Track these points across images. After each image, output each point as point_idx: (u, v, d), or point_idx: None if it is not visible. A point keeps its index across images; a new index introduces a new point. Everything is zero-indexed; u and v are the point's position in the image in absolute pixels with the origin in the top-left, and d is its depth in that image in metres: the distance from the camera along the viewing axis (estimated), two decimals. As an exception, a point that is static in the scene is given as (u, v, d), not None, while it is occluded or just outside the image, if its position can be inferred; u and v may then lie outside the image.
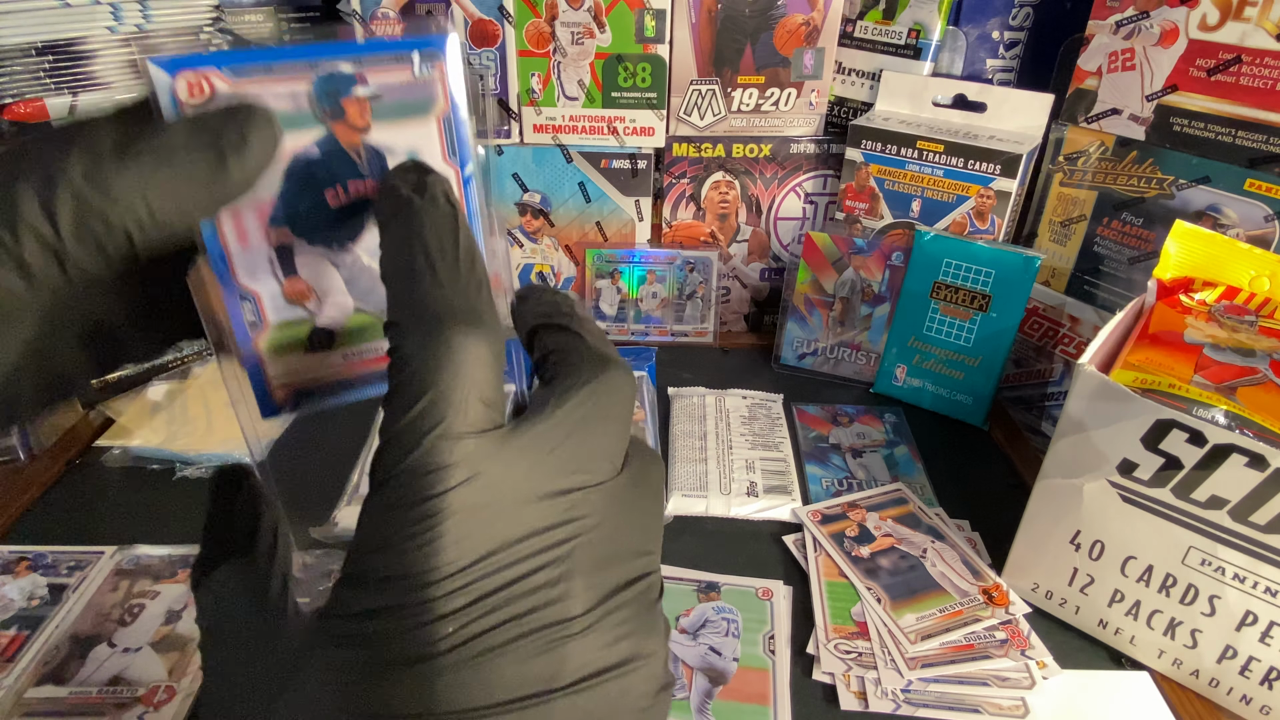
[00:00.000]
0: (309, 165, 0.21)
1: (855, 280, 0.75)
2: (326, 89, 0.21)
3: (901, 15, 0.73)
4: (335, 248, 0.22)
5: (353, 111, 0.21)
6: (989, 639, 0.50)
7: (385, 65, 0.22)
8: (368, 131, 0.22)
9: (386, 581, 0.18)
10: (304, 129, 0.21)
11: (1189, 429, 0.43)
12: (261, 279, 0.22)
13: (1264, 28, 0.56)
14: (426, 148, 0.22)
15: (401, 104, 0.22)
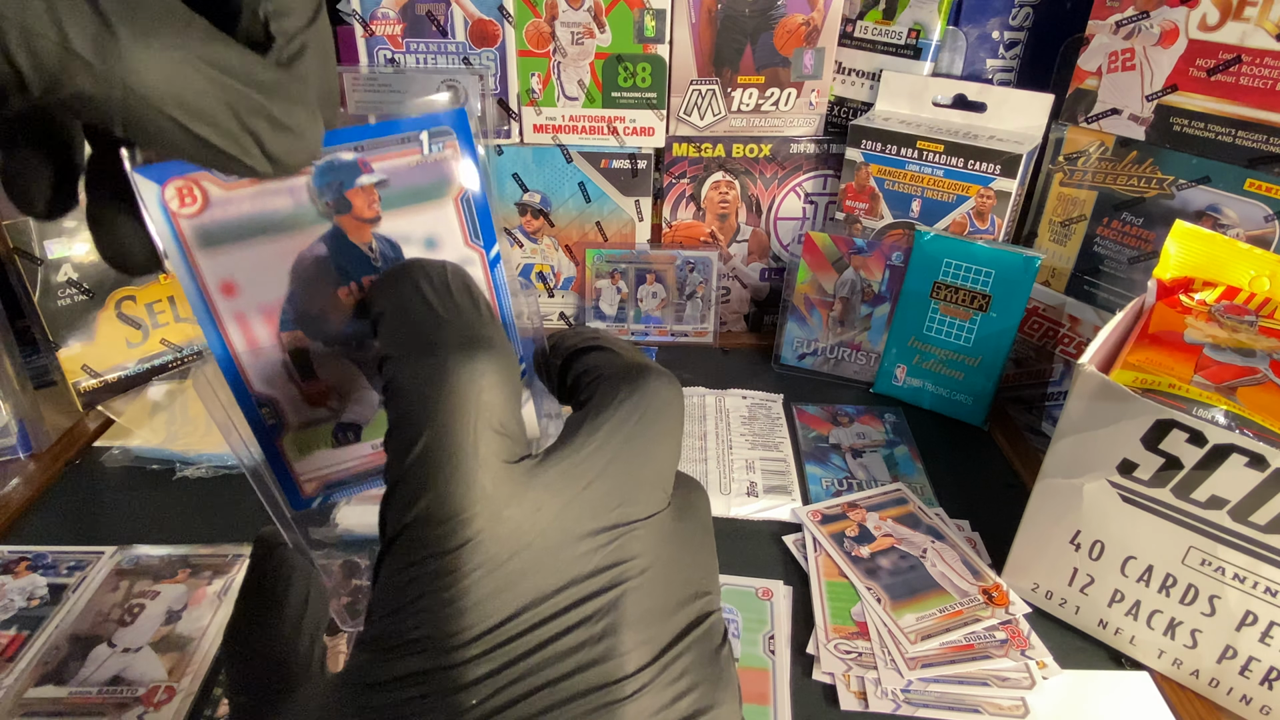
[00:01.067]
0: (317, 264, 0.20)
1: (855, 280, 0.75)
2: (328, 181, 0.19)
3: (901, 15, 0.73)
4: (354, 346, 0.21)
5: (359, 203, 0.20)
6: (989, 639, 0.50)
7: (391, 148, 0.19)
8: (378, 222, 0.20)
9: (407, 646, 0.16)
10: (307, 226, 0.19)
11: (1189, 429, 0.43)
12: (279, 385, 0.21)
13: (1264, 28, 0.56)
14: (445, 233, 0.21)
15: (413, 189, 0.20)
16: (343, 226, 0.20)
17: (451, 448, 0.16)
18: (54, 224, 0.65)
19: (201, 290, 0.19)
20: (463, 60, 0.75)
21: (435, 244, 0.20)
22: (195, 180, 0.18)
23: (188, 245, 0.18)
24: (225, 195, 0.18)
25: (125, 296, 0.70)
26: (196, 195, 0.18)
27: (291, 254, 0.19)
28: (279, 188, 0.19)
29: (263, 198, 0.19)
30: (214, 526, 0.58)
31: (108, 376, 0.71)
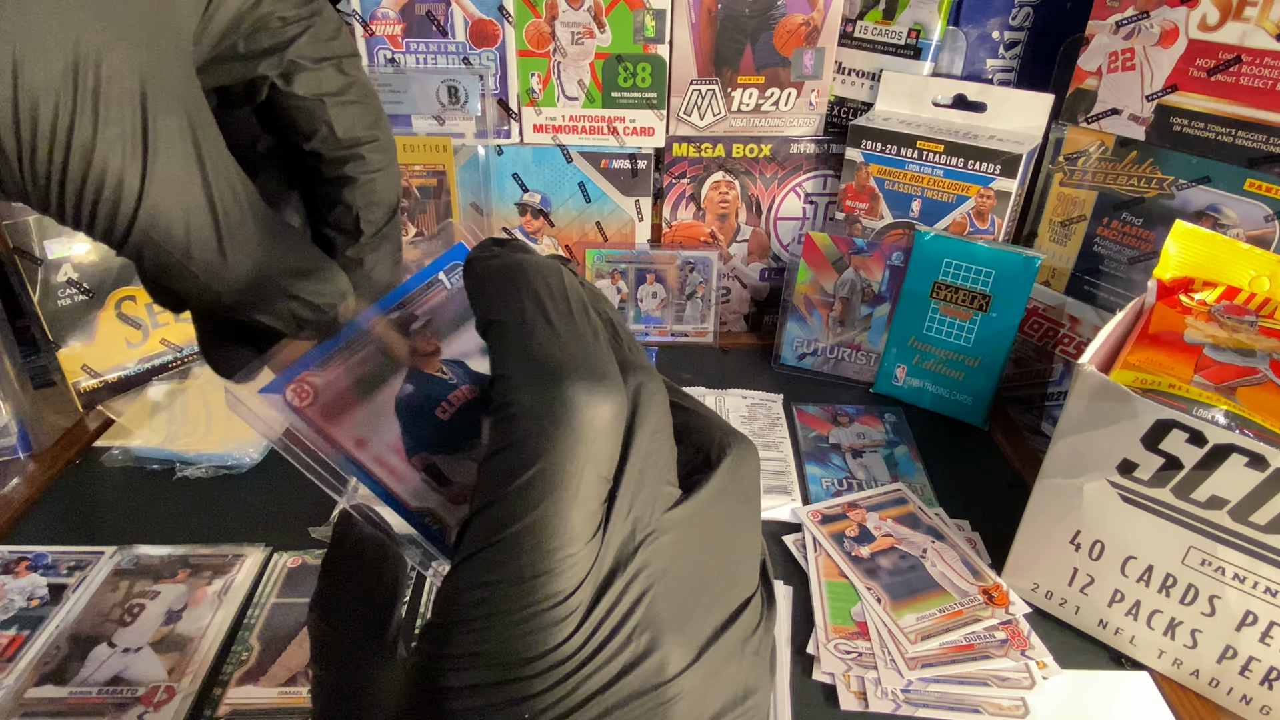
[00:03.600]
0: (411, 399, 0.24)
1: (855, 280, 0.75)
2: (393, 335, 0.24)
3: (901, 15, 0.73)
4: (467, 448, 0.25)
5: (420, 343, 0.24)
6: (989, 639, 0.50)
7: (424, 295, 0.24)
8: (439, 352, 0.24)
9: (474, 659, 0.17)
10: (392, 377, 0.24)
11: (1189, 429, 0.43)
12: (427, 498, 0.24)
13: (1264, 28, 0.56)
14: None
15: (453, 316, 0.24)
16: (415, 365, 0.24)
17: (559, 485, 0.17)
18: (54, 224, 0.65)
19: (345, 452, 0.24)
20: (463, 60, 0.75)
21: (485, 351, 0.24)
22: (302, 380, 0.23)
23: (320, 425, 0.23)
24: (326, 380, 0.24)
25: (125, 297, 0.70)
26: (308, 390, 0.23)
27: (391, 400, 0.24)
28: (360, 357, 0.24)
29: (352, 371, 0.24)
30: (214, 526, 0.58)
31: (108, 376, 0.71)
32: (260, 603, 0.52)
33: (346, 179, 0.22)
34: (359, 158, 0.22)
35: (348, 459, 0.24)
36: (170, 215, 0.17)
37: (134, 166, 0.16)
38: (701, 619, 0.19)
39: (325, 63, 0.21)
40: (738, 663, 0.19)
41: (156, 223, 0.17)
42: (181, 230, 0.17)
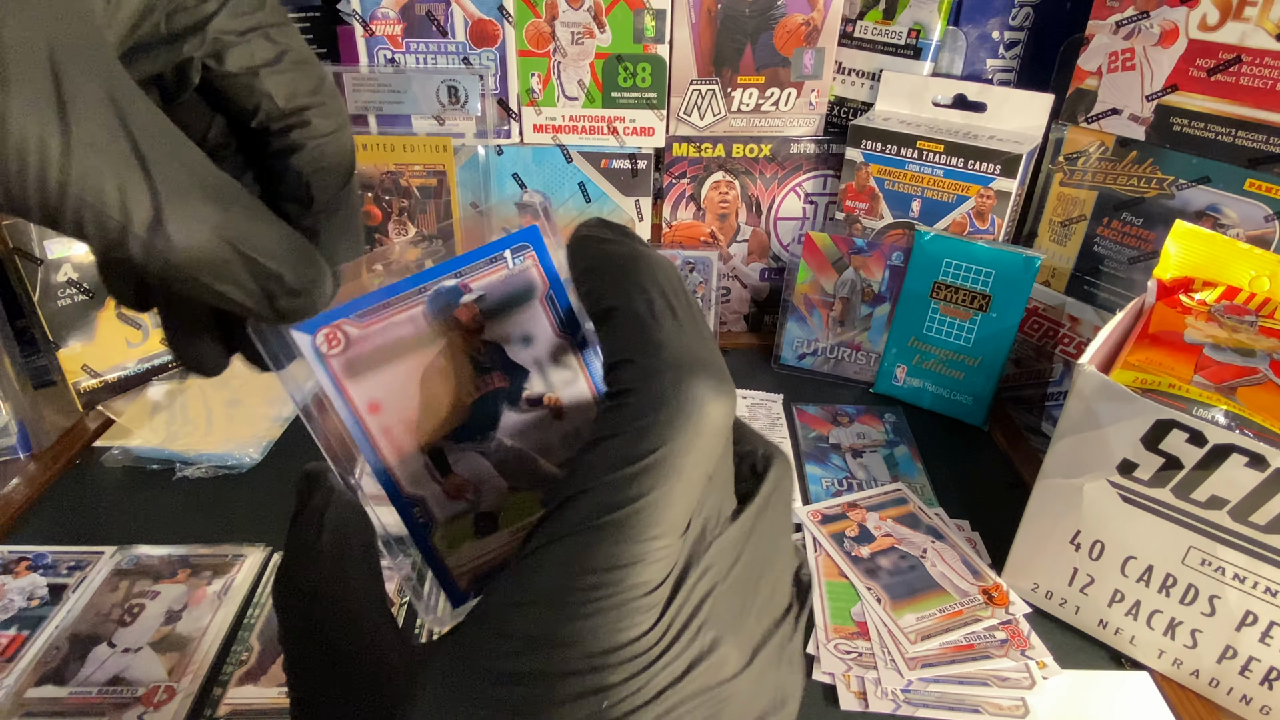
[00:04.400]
0: (440, 375, 0.23)
1: (855, 280, 0.75)
2: (438, 306, 0.23)
3: (901, 15, 0.73)
4: (479, 440, 0.24)
5: (464, 318, 0.24)
6: (989, 639, 0.50)
7: (483, 269, 0.24)
8: (482, 331, 0.24)
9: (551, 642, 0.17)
10: (428, 345, 0.23)
11: (1189, 429, 0.43)
12: (423, 485, 0.24)
13: (1264, 28, 0.56)
14: (538, 328, 0.24)
15: (506, 297, 0.24)
16: (454, 340, 0.24)
17: (674, 474, 0.17)
18: (54, 224, 0.65)
19: (354, 413, 0.23)
20: (463, 60, 0.75)
21: (531, 339, 0.24)
22: (337, 326, 0.22)
23: (339, 378, 0.23)
24: (361, 333, 0.23)
25: None
26: (340, 338, 0.22)
27: (419, 370, 0.23)
28: (402, 319, 0.23)
29: (390, 330, 0.23)
30: (214, 526, 0.58)
31: (108, 376, 0.71)
32: (260, 603, 0.52)
33: (293, 147, 0.21)
34: (304, 123, 0.21)
35: (356, 422, 0.23)
36: (102, 180, 0.16)
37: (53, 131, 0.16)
38: (753, 623, 0.19)
39: (252, 34, 0.20)
40: (777, 668, 0.19)
41: (88, 190, 0.16)
42: (116, 196, 0.16)
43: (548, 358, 0.24)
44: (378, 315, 0.23)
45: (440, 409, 0.24)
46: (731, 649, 0.18)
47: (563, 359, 0.24)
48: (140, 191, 0.16)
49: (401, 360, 0.23)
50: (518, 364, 0.24)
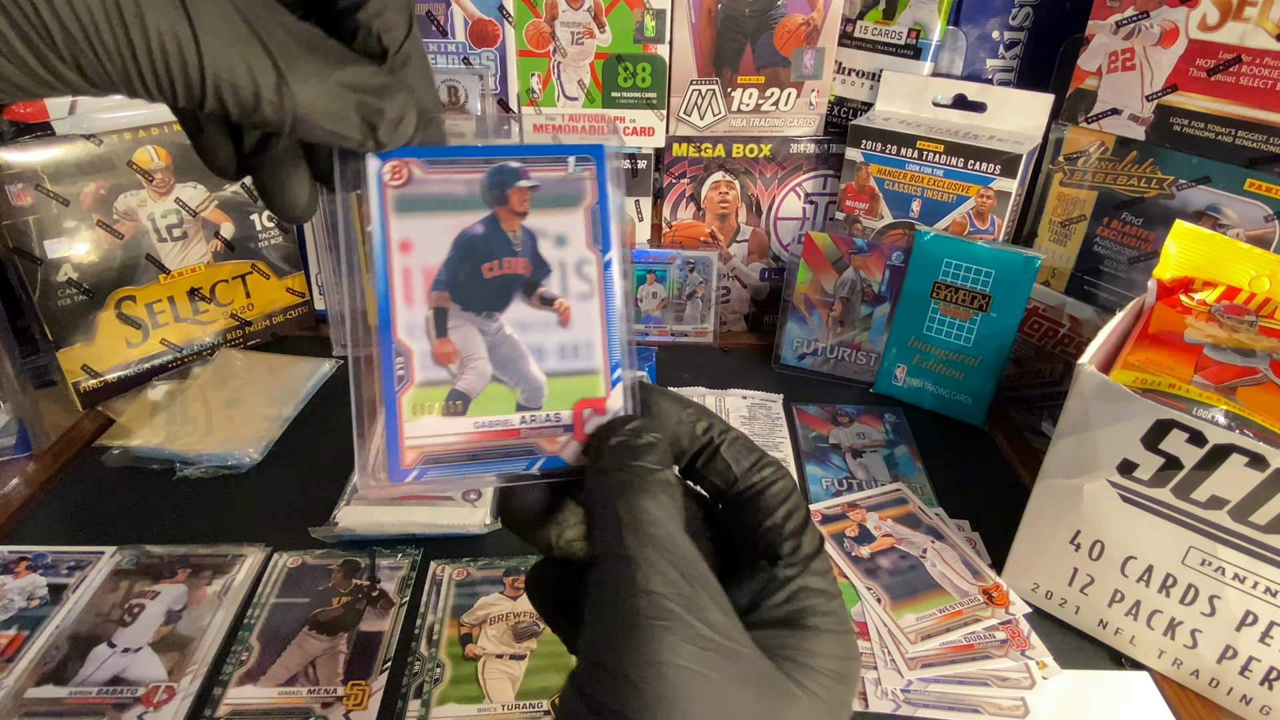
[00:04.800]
0: (473, 240, 0.25)
1: (855, 280, 0.75)
2: (496, 179, 0.25)
3: (901, 15, 0.73)
4: (484, 315, 0.25)
5: (515, 199, 0.25)
6: (989, 639, 0.50)
7: (546, 164, 0.26)
8: (525, 216, 0.25)
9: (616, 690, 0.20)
10: (474, 210, 0.25)
11: (1189, 429, 0.43)
12: (416, 337, 0.25)
13: (1264, 28, 0.56)
14: (573, 233, 0.26)
15: (556, 195, 0.26)
16: (498, 215, 0.25)
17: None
18: (54, 224, 0.65)
19: (386, 244, 0.24)
20: (463, 60, 0.75)
21: (565, 241, 0.26)
22: (406, 162, 0.24)
23: (387, 207, 0.24)
24: (423, 176, 0.25)
25: (125, 297, 0.70)
26: (404, 173, 0.24)
27: (457, 229, 0.25)
28: (460, 179, 0.25)
29: (448, 184, 0.25)
30: (214, 526, 0.58)
31: (108, 376, 0.71)
32: (260, 603, 0.52)
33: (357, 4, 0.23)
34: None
35: (384, 254, 0.24)
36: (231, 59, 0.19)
37: (182, 24, 0.18)
38: None
39: None
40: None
41: (221, 69, 0.19)
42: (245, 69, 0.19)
43: (573, 264, 0.26)
44: (442, 168, 0.25)
45: (461, 271, 0.25)
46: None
47: (585, 270, 0.26)
48: (263, 62, 0.19)
49: (445, 215, 0.25)
50: (545, 259, 0.26)
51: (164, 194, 0.71)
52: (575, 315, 0.26)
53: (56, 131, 0.64)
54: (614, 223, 0.26)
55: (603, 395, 0.26)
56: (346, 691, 0.46)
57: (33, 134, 0.63)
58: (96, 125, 0.66)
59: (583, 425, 0.26)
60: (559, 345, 0.26)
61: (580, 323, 0.26)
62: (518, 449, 0.25)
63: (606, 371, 0.26)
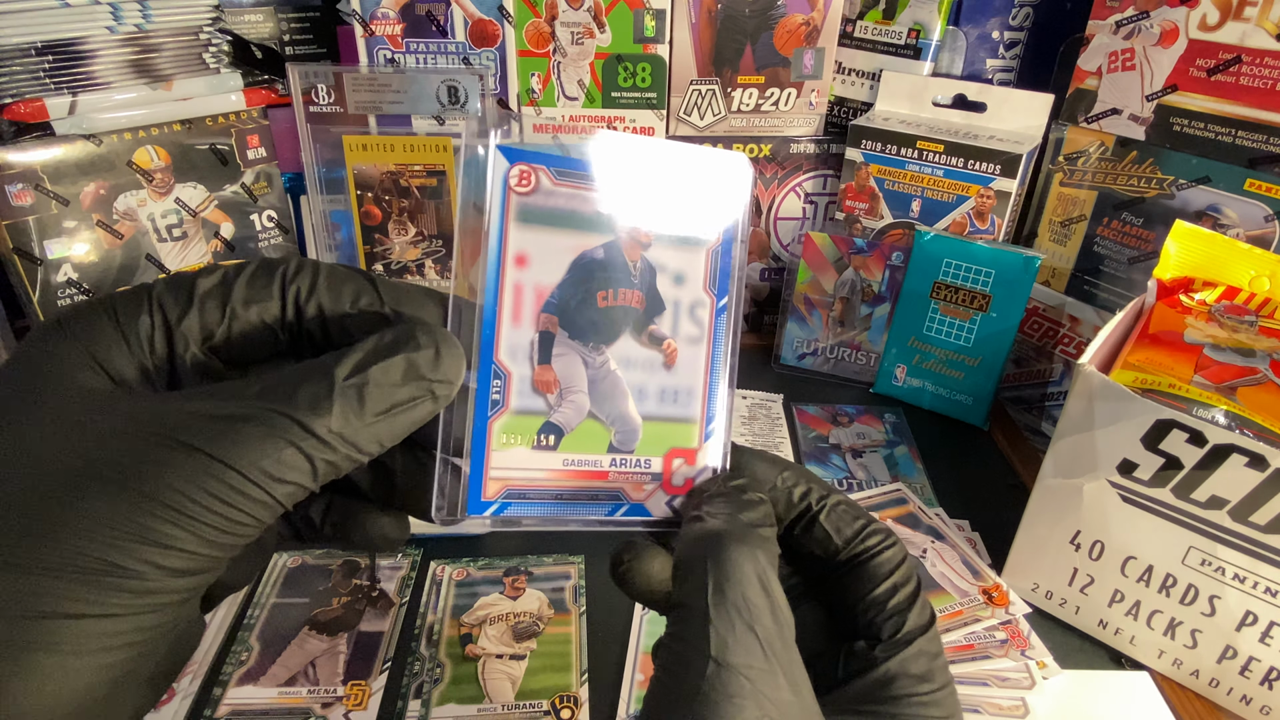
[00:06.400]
0: (591, 265, 0.23)
1: (855, 280, 0.75)
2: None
3: (901, 15, 0.73)
4: (590, 346, 0.24)
5: (639, 229, 0.24)
6: (989, 639, 0.50)
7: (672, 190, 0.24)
8: (648, 248, 0.24)
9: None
10: (599, 232, 0.23)
11: (1189, 429, 0.43)
12: (518, 360, 0.23)
13: (1264, 28, 0.56)
14: (691, 274, 0.24)
15: (681, 231, 0.24)
16: (621, 242, 0.24)
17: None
18: (54, 224, 0.65)
19: (501, 254, 0.23)
20: (463, 60, 0.75)
21: (682, 280, 0.24)
22: (535, 169, 0.23)
23: (509, 214, 0.23)
24: (551, 188, 0.23)
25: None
26: (531, 180, 0.23)
27: (577, 249, 0.23)
28: (590, 196, 0.23)
29: (575, 199, 0.23)
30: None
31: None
32: (260, 603, 0.52)
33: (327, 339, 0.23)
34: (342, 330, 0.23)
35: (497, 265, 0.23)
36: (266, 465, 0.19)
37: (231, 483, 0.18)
38: None
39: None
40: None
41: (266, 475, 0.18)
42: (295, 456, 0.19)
43: (687, 305, 0.24)
44: (572, 181, 0.23)
45: (574, 296, 0.23)
46: None
47: (697, 314, 0.24)
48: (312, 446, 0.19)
49: (568, 233, 0.23)
50: (661, 295, 0.24)
51: (164, 194, 0.71)
52: (681, 359, 0.24)
53: (56, 131, 0.64)
54: (735, 267, 0.24)
55: (695, 446, 0.25)
56: (346, 691, 0.46)
57: (33, 134, 0.63)
58: (96, 125, 0.66)
59: (671, 476, 0.24)
60: (660, 388, 0.24)
61: (685, 368, 0.24)
62: (604, 492, 0.24)
63: (703, 423, 0.25)
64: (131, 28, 0.65)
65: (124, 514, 0.17)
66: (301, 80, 0.72)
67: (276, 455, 0.18)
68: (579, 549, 0.56)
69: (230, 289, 0.21)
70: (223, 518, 0.18)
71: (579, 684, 0.47)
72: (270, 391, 0.19)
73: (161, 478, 0.17)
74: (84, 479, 0.17)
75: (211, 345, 0.21)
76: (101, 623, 0.17)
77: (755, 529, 0.22)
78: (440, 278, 0.80)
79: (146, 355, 0.20)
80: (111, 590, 0.17)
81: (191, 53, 0.70)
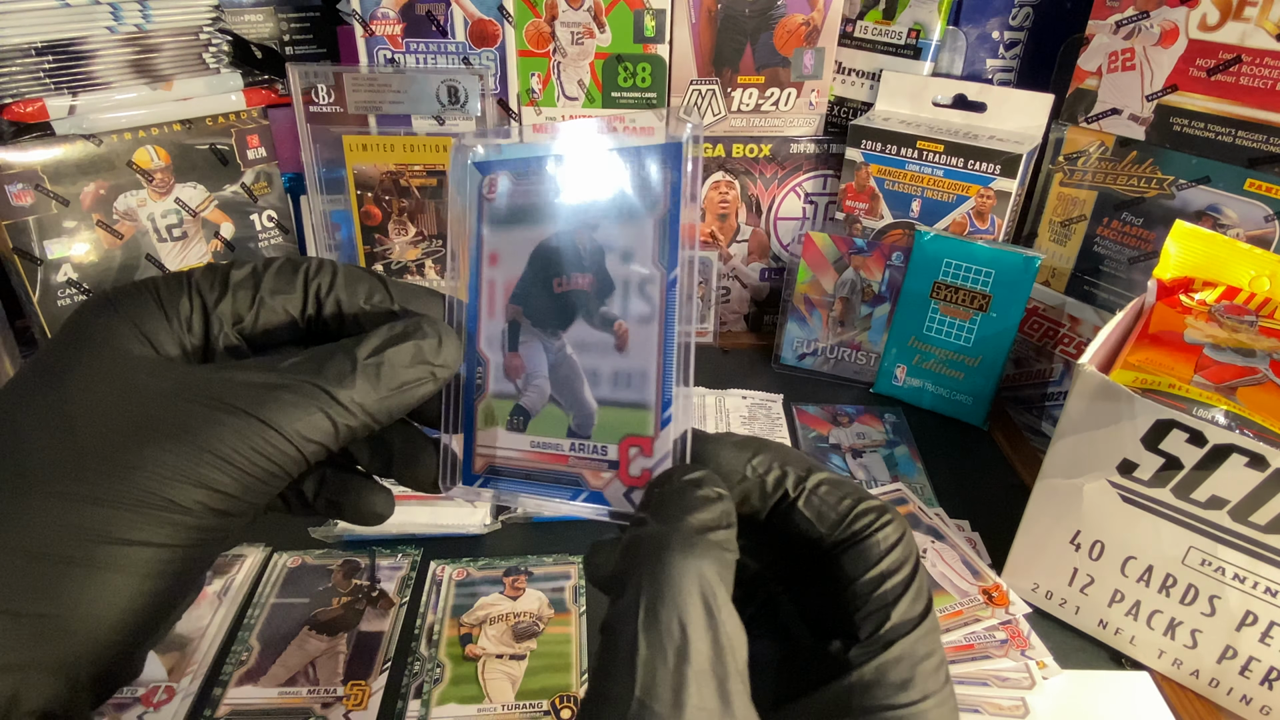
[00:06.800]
0: (546, 253, 0.24)
1: (855, 280, 0.75)
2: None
3: (901, 15, 0.73)
4: (549, 332, 0.25)
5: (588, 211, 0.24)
6: (989, 639, 0.50)
7: (618, 170, 0.24)
8: (596, 229, 0.24)
9: None
10: (551, 223, 0.24)
11: (1189, 429, 0.43)
12: (494, 349, 0.25)
13: (1264, 28, 0.56)
14: (640, 248, 0.24)
15: (623, 210, 0.24)
16: (571, 227, 0.24)
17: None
18: (54, 224, 0.65)
19: (479, 256, 0.25)
20: (463, 60, 0.75)
21: (630, 257, 0.24)
22: (499, 176, 0.24)
23: (483, 220, 0.24)
24: (513, 189, 0.24)
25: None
26: (497, 186, 0.24)
27: (536, 241, 0.24)
28: (543, 189, 0.24)
29: (532, 195, 0.24)
30: (214, 526, 0.58)
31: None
32: (260, 603, 0.52)
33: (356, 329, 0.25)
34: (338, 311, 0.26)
35: (476, 266, 0.25)
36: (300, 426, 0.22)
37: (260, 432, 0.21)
38: None
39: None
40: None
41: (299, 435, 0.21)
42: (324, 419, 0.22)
43: (636, 283, 0.24)
44: (528, 179, 0.24)
45: (534, 285, 0.25)
46: None
47: (647, 290, 0.23)
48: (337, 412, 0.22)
49: (529, 227, 0.24)
50: (610, 275, 0.24)
51: (164, 194, 0.71)
52: (633, 340, 0.23)
53: (56, 131, 0.64)
54: (683, 237, 0.23)
55: (651, 435, 0.24)
56: (346, 691, 0.46)
57: (33, 134, 0.63)
58: (96, 125, 0.66)
59: (628, 465, 0.24)
60: (614, 372, 0.24)
61: (637, 349, 0.23)
62: (566, 476, 0.24)
63: (658, 409, 0.23)
64: (131, 28, 0.65)
65: (185, 461, 0.20)
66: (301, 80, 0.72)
67: (308, 419, 0.21)
68: (579, 549, 0.56)
69: (260, 280, 0.24)
70: (262, 469, 0.21)
71: (579, 684, 0.47)
72: (302, 366, 0.22)
73: (215, 434, 0.20)
74: (148, 431, 0.20)
75: (240, 329, 0.24)
76: (159, 551, 0.20)
77: (704, 534, 0.19)
78: (440, 277, 0.80)
79: (185, 333, 0.23)
80: (169, 525, 0.20)
81: (191, 53, 0.70)
